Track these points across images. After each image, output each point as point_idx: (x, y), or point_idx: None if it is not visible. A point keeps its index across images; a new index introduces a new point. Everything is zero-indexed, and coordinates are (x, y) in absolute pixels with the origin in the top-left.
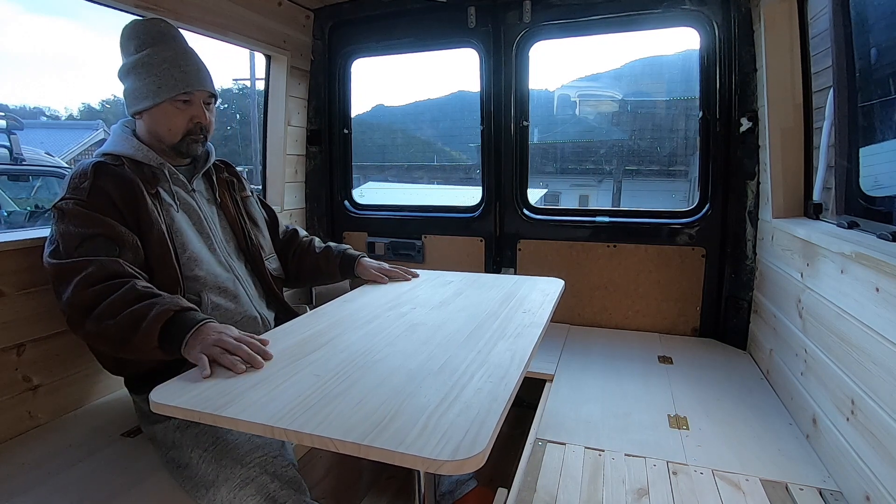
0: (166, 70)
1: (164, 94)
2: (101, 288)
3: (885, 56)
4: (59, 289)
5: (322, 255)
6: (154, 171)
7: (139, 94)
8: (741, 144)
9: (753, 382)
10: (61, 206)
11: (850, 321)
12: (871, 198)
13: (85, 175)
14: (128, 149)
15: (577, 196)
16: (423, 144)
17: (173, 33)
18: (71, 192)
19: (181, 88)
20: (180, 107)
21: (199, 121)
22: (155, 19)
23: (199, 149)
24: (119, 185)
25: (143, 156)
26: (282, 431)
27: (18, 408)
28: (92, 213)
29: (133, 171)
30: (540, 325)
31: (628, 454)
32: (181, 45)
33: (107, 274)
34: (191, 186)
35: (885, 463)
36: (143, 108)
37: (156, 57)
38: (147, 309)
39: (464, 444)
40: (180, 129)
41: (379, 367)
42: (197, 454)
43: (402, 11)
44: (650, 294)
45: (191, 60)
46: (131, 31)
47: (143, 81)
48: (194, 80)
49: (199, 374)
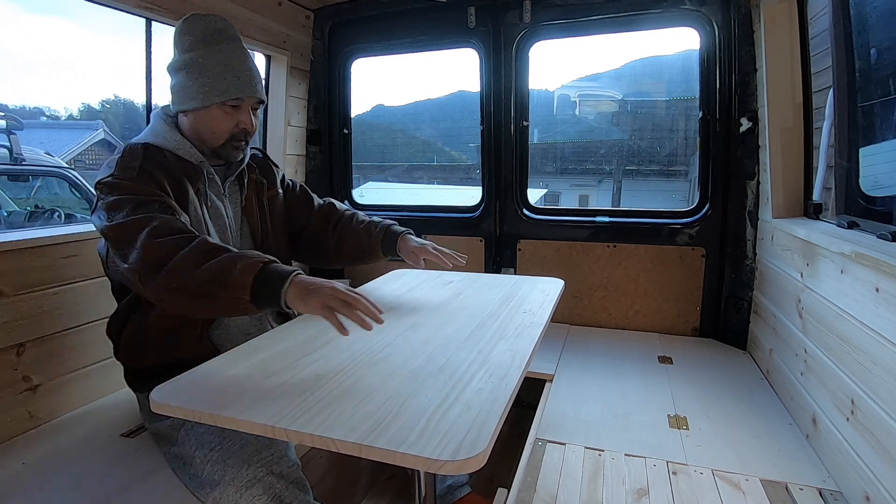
0: (219, 73)
1: (214, 97)
2: (171, 240)
3: (885, 56)
4: (124, 248)
5: (364, 231)
6: (195, 168)
7: (188, 94)
8: (741, 144)
9: (753, 382)
10: (109, 181)
11: (850, 321)
12: (871, 198)
13: (135, 156)
14: (171, 142)
15: (577, 196)
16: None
17: (231, 33)
18: (120, 170)
19: (232, 94)
20: (228, 111)
21: (245, 127)
22: (214, 16)
23: (238, 155)
24: (167, 175)
25: (186, 152)
26: (282, 431)
27: (18, 408)
28: (144, 185)
29: (175, 163)
30: (540, 326)
31: (628, 454)
32: (237, 48)
33: (172, 228)
34: (223, 190)
35: (885, 463)
36: (190, 109)
37: (210, 58)
38: (230, 262)
39: (465, 444)
40: (224, 134)
41: (379, 368)
42: (202, 453)
43: (402, 11)
44: (650, 294)
45: (245, 65)
46: (188, 27)
47: (194, 81)
48: (246, 86)
49: (199, 375)
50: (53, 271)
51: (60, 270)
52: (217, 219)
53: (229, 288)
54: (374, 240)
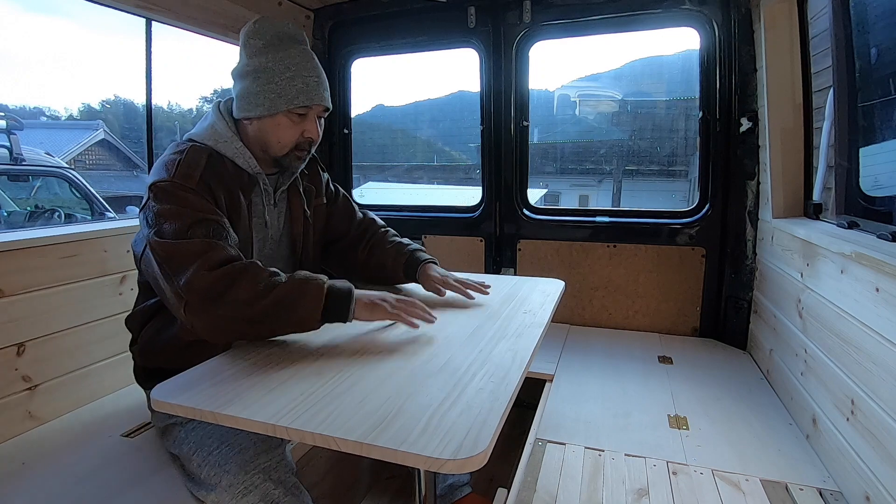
0: (288, 80)
1: (282, 104)
2: (225, 272)
3: (885, 56)
4: (173, 270)
5: (391, 251)
6: (250, 178)
7: (254, 100)
8: (741, 144)
9: (753, 382)
10: (165, 186)
11: (850, 321)
12: (871, 198)
13: (198, 162)
14: (231, 149)
15: (577, 196)
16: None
17: (300, 37)
18: (180, 176)
19: (301, 101)
20: (295, 119)
21: (311, 136)
22: (283, 21)
23: (300, 165)
24: (224, 188)
25: (244, 161)
26: (283, 429)
27: (18, 408)
28: (202, 199)
29: (233, 172)
30: (541, 326)
31: (628, 454)
32: (306, 53)
33: (225, 258)
34: (274, 200)
35: (885, 463)
36: (256, 116)
37: (279, 63)
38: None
39: (465, 443)
40: (289, 143)
41: (380, 367)
42: (200, 455)
43: (402, 11)
44: (650, 294)
45: (314, 71)
46: (256, 30)
47: (262, 87)
48: (315, 93)
49: (200, 373)
50: (53, 271)
51: (60, 270)
52: (259, 230)
53: (298, 317)
54: (397, 263)
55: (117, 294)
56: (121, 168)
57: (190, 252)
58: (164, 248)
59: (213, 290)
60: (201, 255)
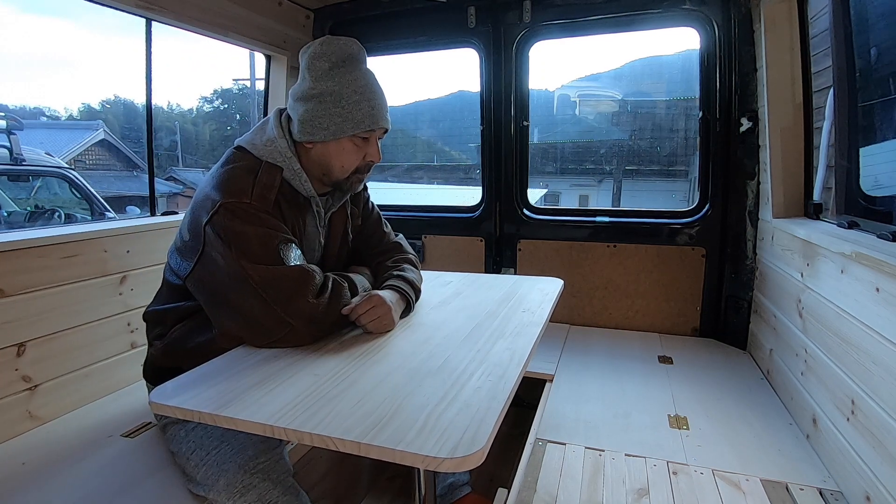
0: (356, 103)
1: (348, 129)
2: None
3: (885, 56)
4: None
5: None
6: (306, 200)
7: (320, 124)
8: (741, 144)
9: (753, 382)
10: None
11: (850, 321)
12: (871, 198)
13: (272, 184)
14: (289, 172)
15: (577, 196)
16: (423, 144)
17: (362, 58)
18: (257, 198)
19: (367, 126)
20: (359, 143)
21: (373, 160)
22: (348, 40)
23: (359, 187)
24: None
25: (300, 185)
26: (281, 430)
27: (18, 408)
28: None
29: (291, 195)
30: (539, 325)
31: (628, 454)
32: (369, 75)
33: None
34: (324, 221)
35: (885, 463)
36: (320, 140)
37: (347, 88)
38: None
39: (463, 441)
40: (351, 167)
41: (378, 367)
42: (199, 455)
43: (402, 11)
44: (650, 294)
45: (378, 93)
46: (322, 52)
47: (328, 112)
48: (380, 116)
49: (199, 375)
50: (53, 271)
51: (60, 270)
52: (307, 252)
53: None
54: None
55: (117, 294)
56: (121, 168)
57: (291, 279)
58: (261, 273)
59: (319, 315)
60: (303, 283)
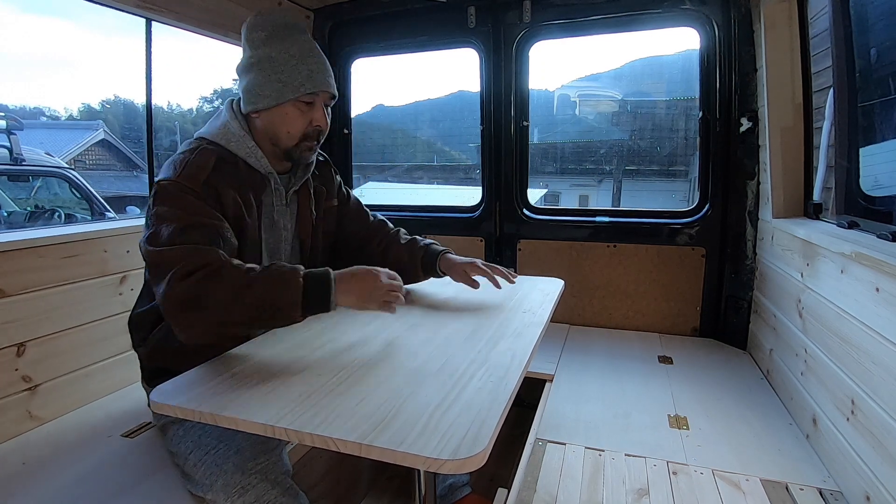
0: (293, 67)
1: (288, 93)
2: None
3: (885, 56)
4: (155, 279)
5: (406, 248)
6: (263, 178)
7: (261, 92)
8: (741, 144)
9: (753, 382)
10: (169, 185)
11: (850, 321)
12: (871, 198)
13: (205, 166)
14: (244, 149)
15: (577, 196)
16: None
17: (301, 27)
18: (185, 177)
19: (307, 88)
20: (302, 109)
21: (319, 125)
22: (280, 14)
23: (311, 156)
24: (233, 191)
25: (256, 161)
26: (282, 431)
27: (18, 408)
28: (200, 201)
29: (245, 173)
30: (540, 325)
31: (628, 454)
32: (309, 42)
33: (203, 262)
34: (286, 200)
35: (885, 463)
36: (263, 108)
37: (283, 52)
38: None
39: (465, 443)
40: (298, 133)
41: (379, 367)
42: (196, 456)
43: (402, 11)
44: (650, 294)
45: (318, 58)
46: (257, 22)
47: (267, 79)
48: (320, 80)
49: (200, 375)
50: (53, 271)
51: (60, 270)
52: (273, 231)
53: (279, 311)
54: (414, 258)
55: (117, 294)
56: (121, 168)
57: (170, 260)
58: (151, 256)
59: (190, 298)
60: (178, 263)
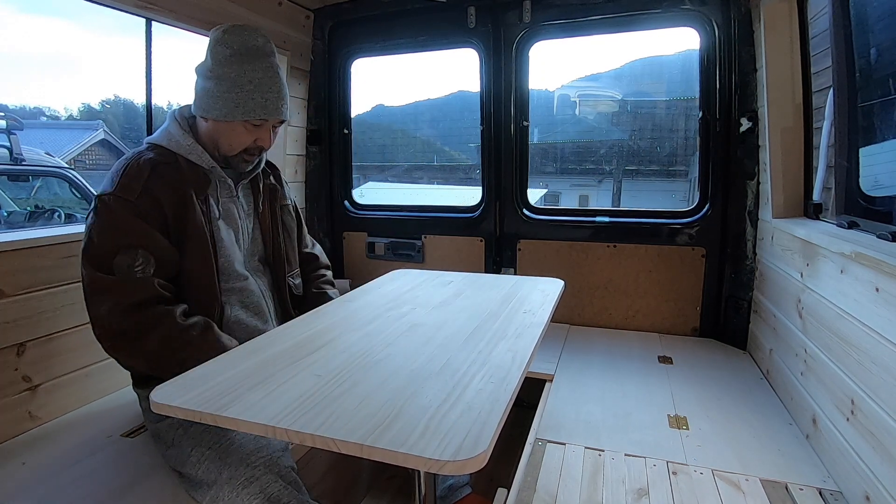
0: (249, 93)
1: (239, 114)
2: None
3: (885, 56)
4: (90, 298)
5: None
6: (206, 173)
7: (214, 103)
8: (741, 144)
9: (753, 382)
10: (107, 199)
11: (850, 321)
12: (871, 198)
13: (140, 174)
14: (184, 147)
15: (577, 196)
16: (423, 144)
17: (267, 50)
18: (121, 188)
19: (258, 115)
20: (249, 129)
21: (262, 144)
22: (254, 31)
23: (247, 167)
24: (172, 191)
25: (197, 157)
26: (283, 432)
27: (18, 408)
28: (135, 219)
29: (186, 170)
30: (540, 325)
31: (628, 454)
32: (269, 68)
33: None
34: (235, 192)
35: (885, 463)
36: (212, 118)
37: (243, 76)
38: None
39: (465, 444)
40: (239, 148)
41: (380, 368)
42: (199, 452)
43: (402, 11)
44: (650, 294)
45: (275, 87)
46: (225, 38)
47: (222, 95)
48: (273, 108)
49: (200, 375)
50: (53, 271)
51: (60, 270)
52: (230, 221)
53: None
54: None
55: None
56: None
57: (105, 287)
58: (87, 273)
59: (124, 335)
60: (116, 293)
